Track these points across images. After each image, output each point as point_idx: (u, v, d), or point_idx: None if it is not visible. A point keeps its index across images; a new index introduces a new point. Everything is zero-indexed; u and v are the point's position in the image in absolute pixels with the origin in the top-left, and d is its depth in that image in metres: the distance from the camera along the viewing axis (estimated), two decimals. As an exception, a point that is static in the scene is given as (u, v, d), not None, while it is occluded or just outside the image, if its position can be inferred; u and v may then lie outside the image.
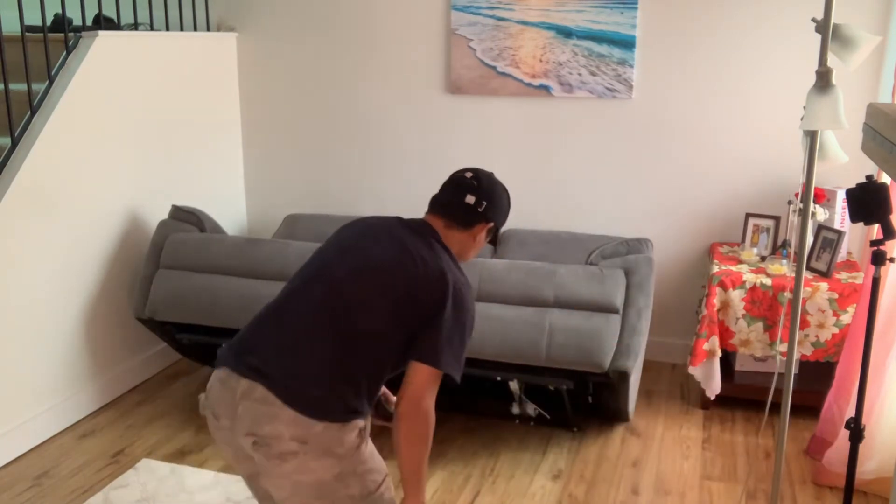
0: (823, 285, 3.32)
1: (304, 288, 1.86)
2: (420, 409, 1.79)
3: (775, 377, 2.64)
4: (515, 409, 3.53)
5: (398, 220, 1.98)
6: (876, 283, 2.31)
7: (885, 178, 2.64)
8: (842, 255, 3.60)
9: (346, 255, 1.88)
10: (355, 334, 1.79)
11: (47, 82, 3.35)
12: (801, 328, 3.34)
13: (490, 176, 2.03)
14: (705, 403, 3.63)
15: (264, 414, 1.70)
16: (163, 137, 3.93)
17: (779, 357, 3.46)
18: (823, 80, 2.15)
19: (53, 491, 3.00)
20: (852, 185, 2.22)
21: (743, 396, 3.59)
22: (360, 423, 1.79)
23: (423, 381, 1.79)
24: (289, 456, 1.72)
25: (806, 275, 3.42)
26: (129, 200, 3.75)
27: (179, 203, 4.05)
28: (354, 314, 1.79)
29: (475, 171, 2.03)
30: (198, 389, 3.85)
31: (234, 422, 1.75)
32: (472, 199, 1.96)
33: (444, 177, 2.10)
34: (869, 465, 2.88)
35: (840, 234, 3.40)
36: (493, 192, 2.00)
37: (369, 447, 1.84)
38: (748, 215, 3.76)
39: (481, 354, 3.10)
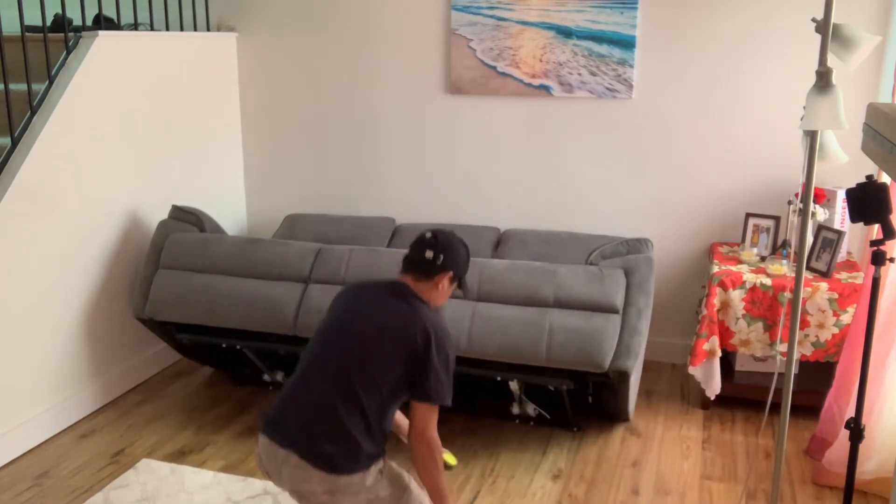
0: (823, 285, 3.32)
1: (316, 362, 2.23)
2: (424, 439, 2.19)
3: (775, 377, 2.64)
4: (515, 409, 3.53)
5: (380, 288, 2.31)
6: (876, 283, 2.31)
7: (885, 178, 2.64)
8: (842, 255, 3.60)
9: (345, 331, 2.24)
10: (362, 393, 2.15)
11: (47, 82, 3.35)
12: (801, 328, 3.34)
13: (449, 234, 2.38)
14: (705, 403, 3.64)
15: (300, 476, 2.13)
16: (163, 137, 3.93)
17: (779, 357, 3.46)
18: (823, 80, 2.15)
19: (53, 491, 3.00)
20: (852, 185, 2.22)
21: (743, 396, 3.59)
22: (379, 464, 2.18)
23: (423, 416, 2.19)
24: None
25: (806, 275, 3.42)
26: (129, 200, 3.75)
27: (179, 203, 4.05)
28: (359, 376, 2.15)
29: (435, 231, 2.38)
30: (198, 389, 3.85)
31: (280, 480, 2.19)
32: (430, 253, 2.31)
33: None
34: (869, 465, 2.88)
35: (840, 234, 3.40)
36: (449, 246, 2.34)
37: (389, 471, 2.22)
38: (748, 215, 3.76)
39: (481, 354, 3.10)
